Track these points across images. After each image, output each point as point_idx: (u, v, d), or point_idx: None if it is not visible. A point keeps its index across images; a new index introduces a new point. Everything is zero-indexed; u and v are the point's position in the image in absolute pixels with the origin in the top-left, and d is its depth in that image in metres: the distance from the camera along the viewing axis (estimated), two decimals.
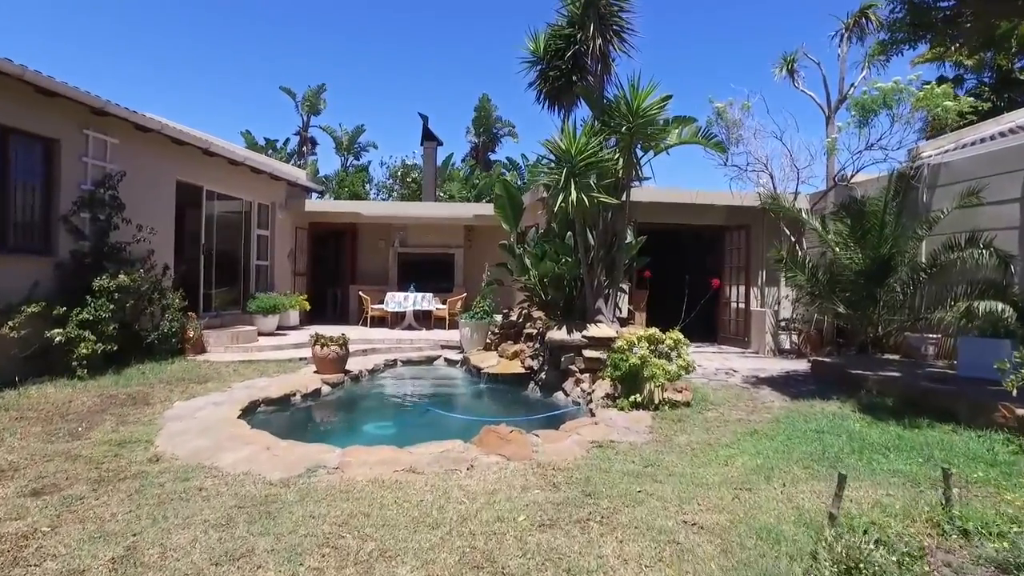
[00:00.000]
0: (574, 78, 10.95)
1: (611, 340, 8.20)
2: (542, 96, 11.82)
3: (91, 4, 43.91)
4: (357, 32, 48.43)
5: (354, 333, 13.08)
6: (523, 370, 8.93)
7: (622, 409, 6.40)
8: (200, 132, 11.47)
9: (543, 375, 8.63)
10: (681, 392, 6.77)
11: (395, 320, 14.72)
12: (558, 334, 8.41)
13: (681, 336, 6.83)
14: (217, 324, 11.77)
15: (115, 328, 8.23)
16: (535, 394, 8.65)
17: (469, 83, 51.83)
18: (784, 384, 8.15)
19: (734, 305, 12.82)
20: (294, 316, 13.79)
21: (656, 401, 6.43)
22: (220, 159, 11.72)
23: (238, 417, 6.23)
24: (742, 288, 12.74)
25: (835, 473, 4.30)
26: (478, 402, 8.78)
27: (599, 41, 8.65)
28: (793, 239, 11.83)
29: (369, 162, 26.89)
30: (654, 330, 6.79)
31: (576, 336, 8.28)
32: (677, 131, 9.12)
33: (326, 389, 8.37)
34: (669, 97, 8.51)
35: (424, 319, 15.04)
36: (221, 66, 49.28)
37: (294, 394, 7.73)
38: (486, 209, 16.01)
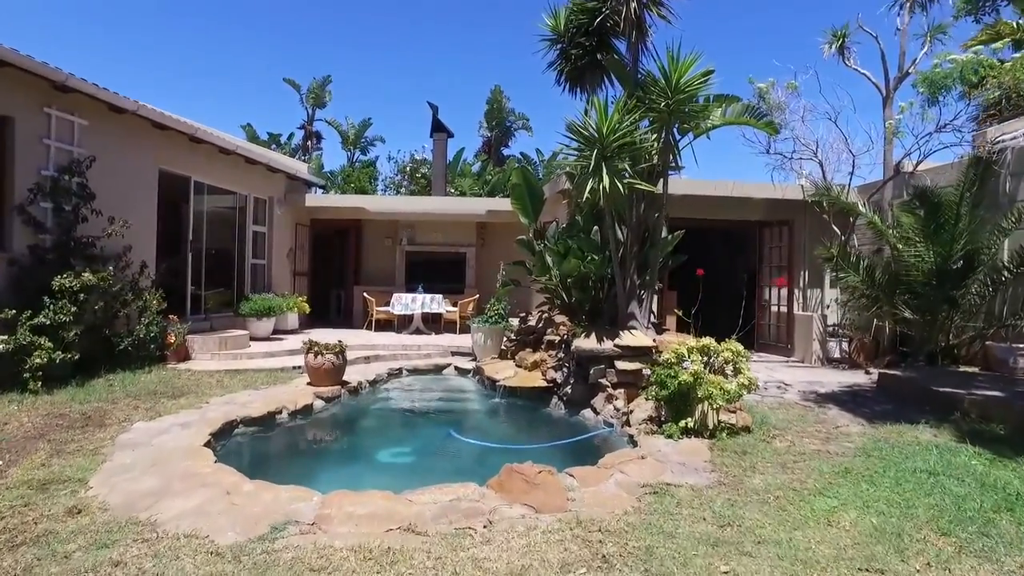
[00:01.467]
0: (599, 56, 9.86)
1: (648, 350, 7.07)
2: (562, 78, 10.73)
3: None
4: (364, 21, 46.68)
5: (357, 338, 12.07)
6: (545, 383, 7.79)
7: (670, 436, 5.25)
8: (188, 120, 10.42)
9: (568, 390, 7.49)
10: (736, 413, 5.61)
11: (402, 323, 13.63)
12: (586, 342, 7.27)
13: (740, 347, 5.67)
14: (206, 328, 10.73)
15: (76, 334, 7.18)
16: (559, 411, 7.52)
17: (481, 76, 49.76)
18: (852, 402, 6.96)
19: (774, 308, 11.62)
20: (292, 319, 12.74)
21: (711, 426, 5.29)
22: (209, 147, 10.68)
23: (205, 444, 5.13)
24: (783, 290, 11.54)
25: (992, 543, 3.15)
26: (494, 421, 7.66)
27: (634, 3, 7.49)
28: (842, 236, 10.63)
29: (376, 157, 25.88)
30: (707, 340, 5.62)
31: (607, 345, 7.14)
32: (720, 110, 7.96)
33: (319, 404, 7.28)
34: (711, 72, 7.36)
35: (433, 322, 13.94)
36: (220, 57, 47.56)
37: (280, 411, 6.64)
38: (500, 204, 14.90)
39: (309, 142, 25.38)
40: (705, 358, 5.52)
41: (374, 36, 46.73)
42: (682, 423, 5.28)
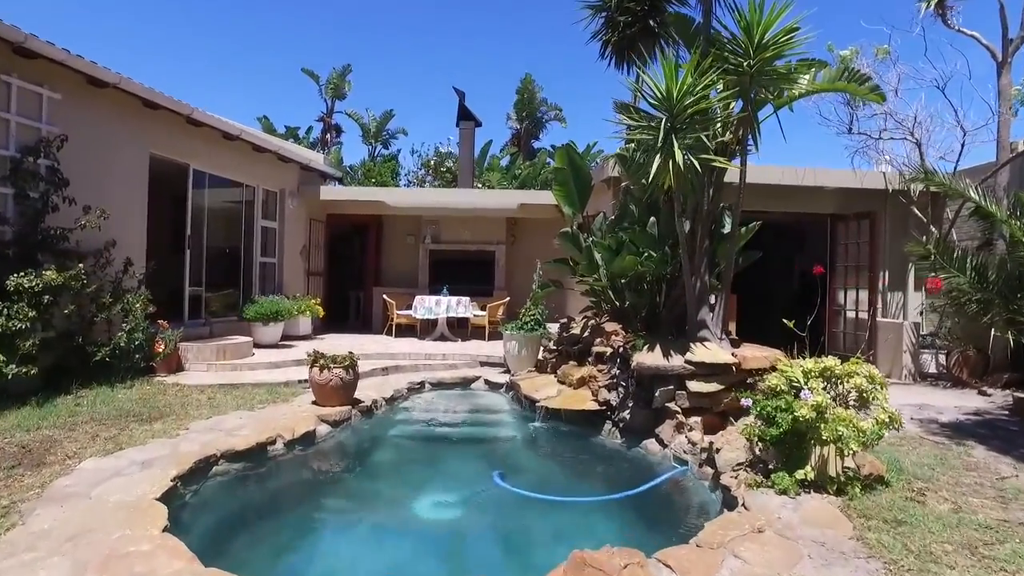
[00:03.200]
0: (651, 22, 8.51)
1: (728, 367, 5.70)
2: (608, 50, 9.38)
3: None
4: (385, 6, 44.47)
5: (375, 345, 10.83)
6: (596, 405, 6.43)
7: (783, 491, 3.85)
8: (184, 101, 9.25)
9: (626, 415, 6.12)
10: (856, 455, 4.19)
11: (425, 329, 12.35)
12: (649, 358, 5.90)
13: (875, 371, 4.25)
14: (205, 334, 9.56)
15: (35, 344, 6.00)
16: (614, 440, 6.16)
17: (510, 65, 47.17)
18: (994, 437, 5.51)
19: (850, 314, 10.11)
20: (304, 324, 11.53)
21: (834, 474, 3.88)
22: (210, 131, 9.50)
23: (162, 495, 3.88)
24: (860, 294, 10.03)
25: None
26: (535, 453, 6.33)
27: None
28: (935, 229, 9.11)
29: (399, 151, 24.59)
30: (830, 360, 4.20)
31: (676, 361, 5.77)
32: (809, 75, 6.54)
33: (324, 430, 6.01)
34: (796, 29, 5.96)
35: (459, 327, 12.65)
36: (235, 47, 45.60)
37: (273, 441, 5.38)
38: (533, 197, 13.57)
39: (328, 135, 24.22)
40: (825, 384, 4.10)
41: (396, 23, 44.80)
42: (799, 474, 3.87)
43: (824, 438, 3.75)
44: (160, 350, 7.81)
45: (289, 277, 12.31)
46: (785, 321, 5.81)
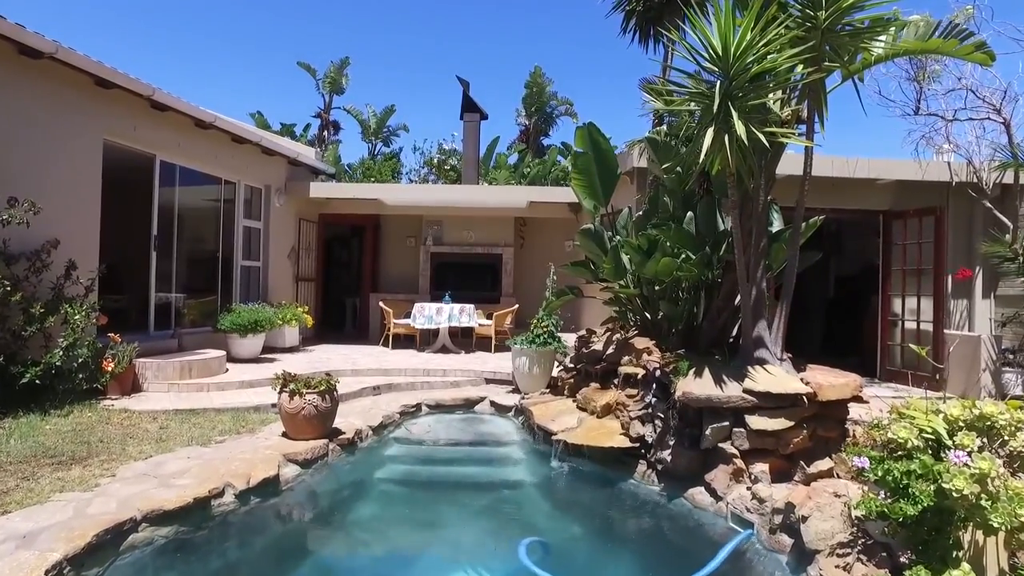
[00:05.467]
0: None
1: (798, 398, 4.47)
2: (631, 23, 8.25)
3: None
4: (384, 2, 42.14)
5: (369, 359, 9.68)
6: (627, 442, 5.21)
7: None
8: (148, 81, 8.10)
9: (666, 455, 4.89)
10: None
11: (425, 339, 11.17)
12: (697, 385, 4.68)
13: None
14: (172, 348, 8.41)
15: None
16: (650, 485, 4.95)
17: (518, 58, 44.82)
18: None
19: (909, 325, 8.83)
20: (291, 334, 10.37)
21: None
22: (179, 117, 8.35)
23: None
24: (919, 300, 8.77)
25: None
26: (554, 506, 5.10)
27: None
28: (1012, 225, 7.87)
29: (400, 148, 23.35)
30: (989, 405, 2.95)
31: (732, 390, 4.55)
32: (891, 33, 5.31)
33: (290, 472, 4.85)
34: None
35: (463, 337, 11.47)
36: (226, 38, 43.09)
37: (220, 493, 4.21)
38: (544, 194, 12.39)
39: (326, 132, 23.07)
40: (983, 439, 2.87)
41: (396, 14, 42.81)
42: None
43: (993, 524, 2.52)
44: (109, 368, 6.65)
45: (275, 282, 11.16)
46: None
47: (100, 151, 7.37)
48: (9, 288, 5.66)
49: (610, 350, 6.31)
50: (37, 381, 5.86)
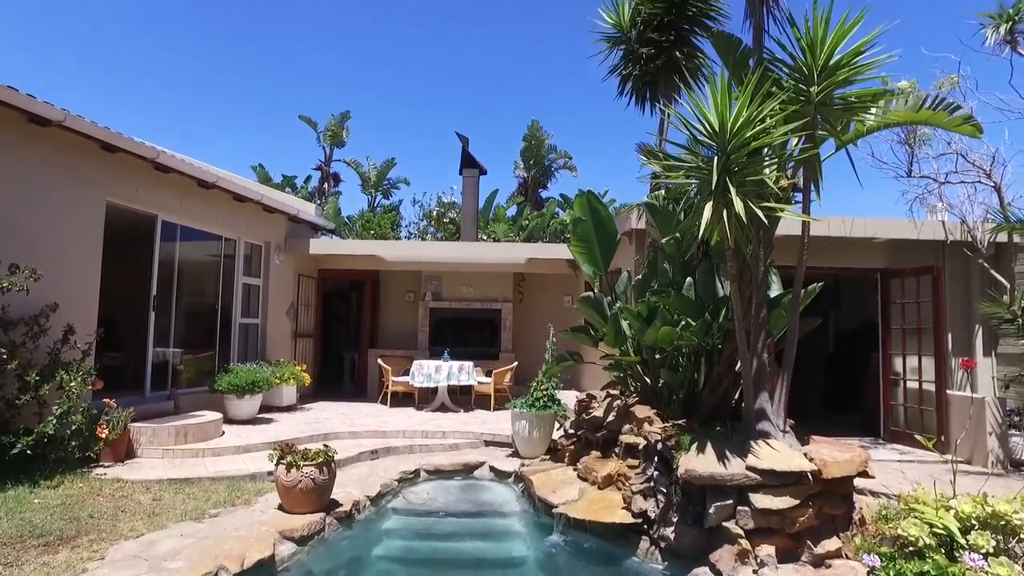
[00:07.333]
0: (678, 54, 7.56)
1: (803, 476, 4.39)
2: (628, 87, 8.39)
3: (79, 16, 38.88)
4: (386, 56, 42.90)
5: (367, 419, 9.60)
6: (629, 517, 5.10)
7: None
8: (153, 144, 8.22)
9: (669, 532, 4.77)
10: None
11: (424, 397, 11.07)
12: (700, 462, 4.61)
13: None
14: (168, 410, 8.31)
15: None
16: (653, 563, 4.82)
17: (516, 112, 45.76)
18: None
19: (911, 384, 8.76)
20: (288, 393, 10.26)
21: None
22: (182, 178, 8.44)
23: None
24: (920, 360, 8.72)
25: None
26: None
27: None
28: (1008, 285, 7.89)
29: (400, 201, 23.59)
30: (1002, 504, 2.88)
31: (735, 467, 4.47)
32: (881, 105, 5.41)
33: (286, 551, 4.72)
34: (861, 53, 4.88)
35: (462, 393, 11.36)
36: (230, 92, 43.73)
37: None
38: (542, 251, 12.45)
39: (326, 184, 23.33)
40: (996, 539, 2.79)
41: (397, 69, 43.74)
42: None
43: None
44: (104, 435, 6.54)
45: (274, 340, 11.11)
46: None
47: (103, 214, 7.43)
48: (5, 356, 5.62)
49: (611, 418, 6.24)
50: (28, 451, 5.76)
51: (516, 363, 11.46)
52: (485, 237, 17.87)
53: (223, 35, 40.79)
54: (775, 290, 5.97)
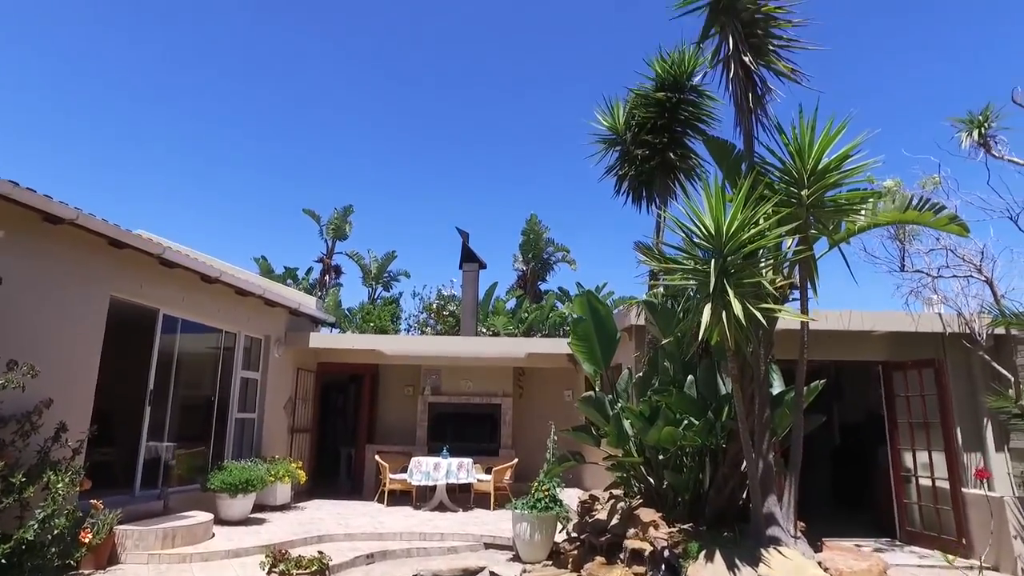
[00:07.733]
0: (672, 155, 7.85)
1: None
2: (624, 186, 8.66)
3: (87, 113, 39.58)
4: (388, 154, 44.05)
5: (363, 519, 9.32)
6: None
7: None
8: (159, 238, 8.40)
9: None
10: None
11: (422, 495, 10.74)
12: (708, 572, 4.42)
13: None
14: (158, 510, 8.02)
15: None
16: None
17: (515, 206, 46.64)
18: None
19: (924, 481, 8.52)
20: (283, 491, 9.97)
21: None
22: (186, 273, 8.55)
23: None
24: (931, 455, 8.52)
25: None
26: None
27: (747, 57, 5.34)
28: (1013, 378, 7.82)
29: (400, 293, 23.83)
30: None
31: None
32: (869, 206, 5.57)
33: None
34: (848, 156, 5.09)
35: (461, 491, 11.03)
36: (234, 187, 44.76)
37: None
38: (542, 346, 12.42)
39: (328, 276, 23.63)
40: None
41: (399, 163, 44.92)
42: None
43: None
44: (87, 540, 6.29)
45: (270, 435, 10.90)
46: None
47: (106, 309, 7.47)
48: None
49: (614, 521, 6.04)
50: (3, 560, 5.50)
51: (516, 460, 11.20)
52: (485, 330, 17.89)
53: (234, 134, 42.36)
54: (777, 386, 5.93)
